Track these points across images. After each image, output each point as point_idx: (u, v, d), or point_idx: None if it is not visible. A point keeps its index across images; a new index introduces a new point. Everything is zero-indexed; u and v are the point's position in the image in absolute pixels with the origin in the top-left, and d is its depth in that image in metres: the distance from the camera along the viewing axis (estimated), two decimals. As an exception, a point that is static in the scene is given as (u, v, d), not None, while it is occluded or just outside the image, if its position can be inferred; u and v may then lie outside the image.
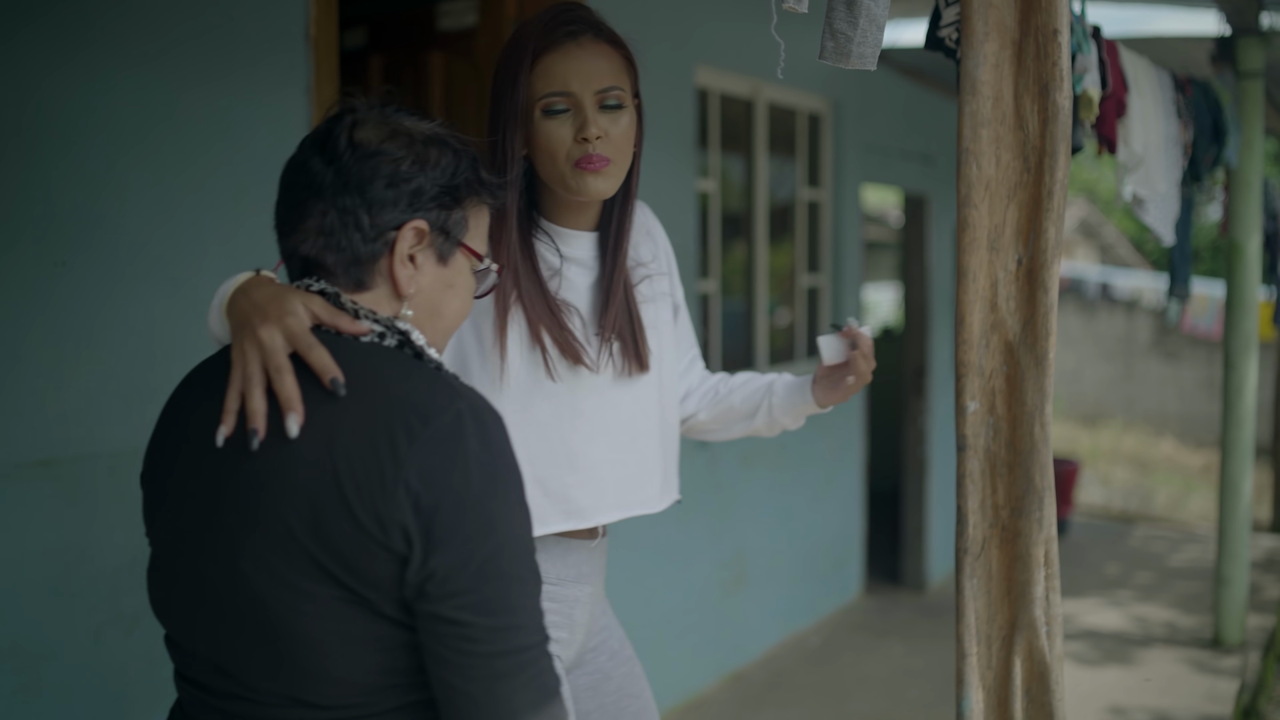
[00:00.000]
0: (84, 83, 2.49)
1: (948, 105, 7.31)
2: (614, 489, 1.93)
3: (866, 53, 1.73)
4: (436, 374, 1.31)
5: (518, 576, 1.26)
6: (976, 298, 2.01)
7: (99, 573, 2.56)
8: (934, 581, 6.95)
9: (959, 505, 2.02)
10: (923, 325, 7.03)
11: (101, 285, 2.54)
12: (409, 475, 1.21)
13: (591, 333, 1.91)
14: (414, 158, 1.34)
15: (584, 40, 1.82)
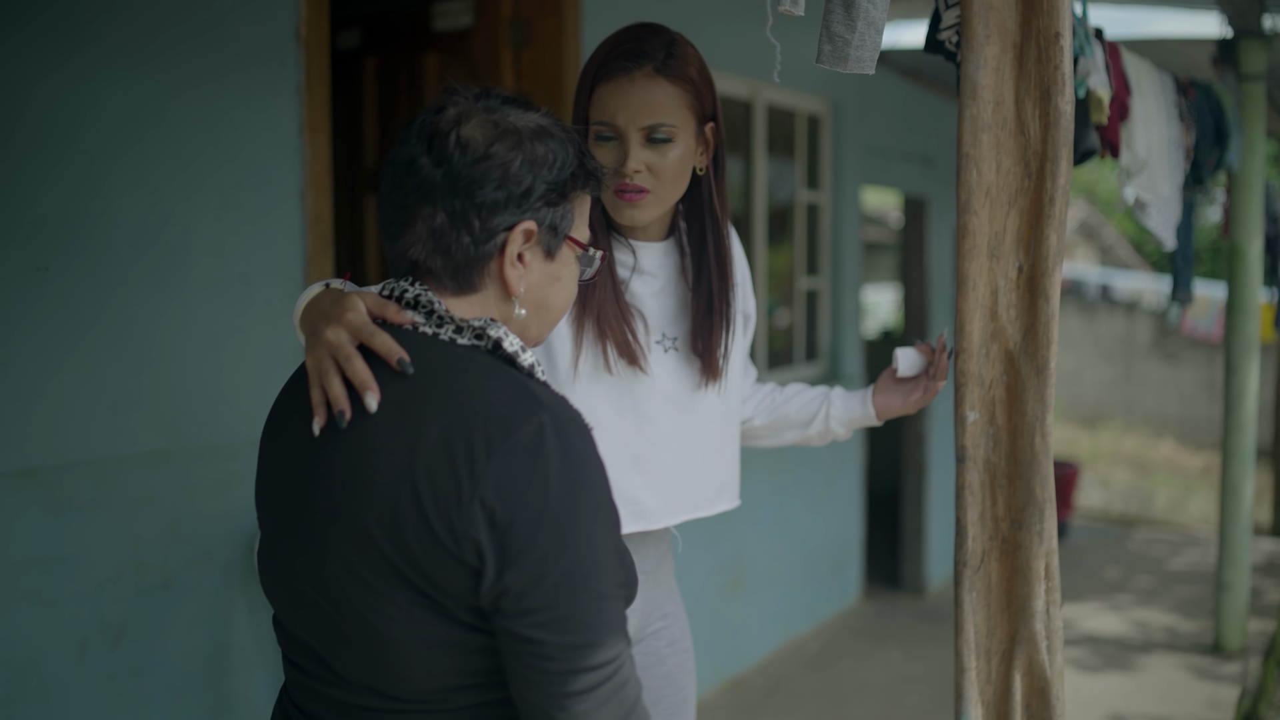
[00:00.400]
0: (71, 85, 2.45)
1: (948, 106, 7.27)
2: (679, 492, 1.99)
3: (865, 57, 1.69)
4: (524, 383, 1.29)
5: (596, 593, 1.24)
6: (976, 306, 1.98)
7: (84, 583, 2.52)
8: (933, 586, 6.91)
9: (958, 517, 1.99)
10: (922, 328, 6.98)
11: (87, 290, 2.50)
12: (485, 490, 1.20)
13: (653, 340, 1.97)
14: (523, 158, 1.32)
15: (638, 76, 1.85)
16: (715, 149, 1.97)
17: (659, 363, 1.98)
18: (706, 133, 1.94)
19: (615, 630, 1.25)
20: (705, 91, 1.92)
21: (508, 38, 3.86)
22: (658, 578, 2.05)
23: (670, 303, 2.00)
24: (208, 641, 2.75)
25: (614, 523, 1.28)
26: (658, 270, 1.99)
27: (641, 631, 2.05)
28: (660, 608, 2.07)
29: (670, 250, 2.02)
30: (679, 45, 1.91)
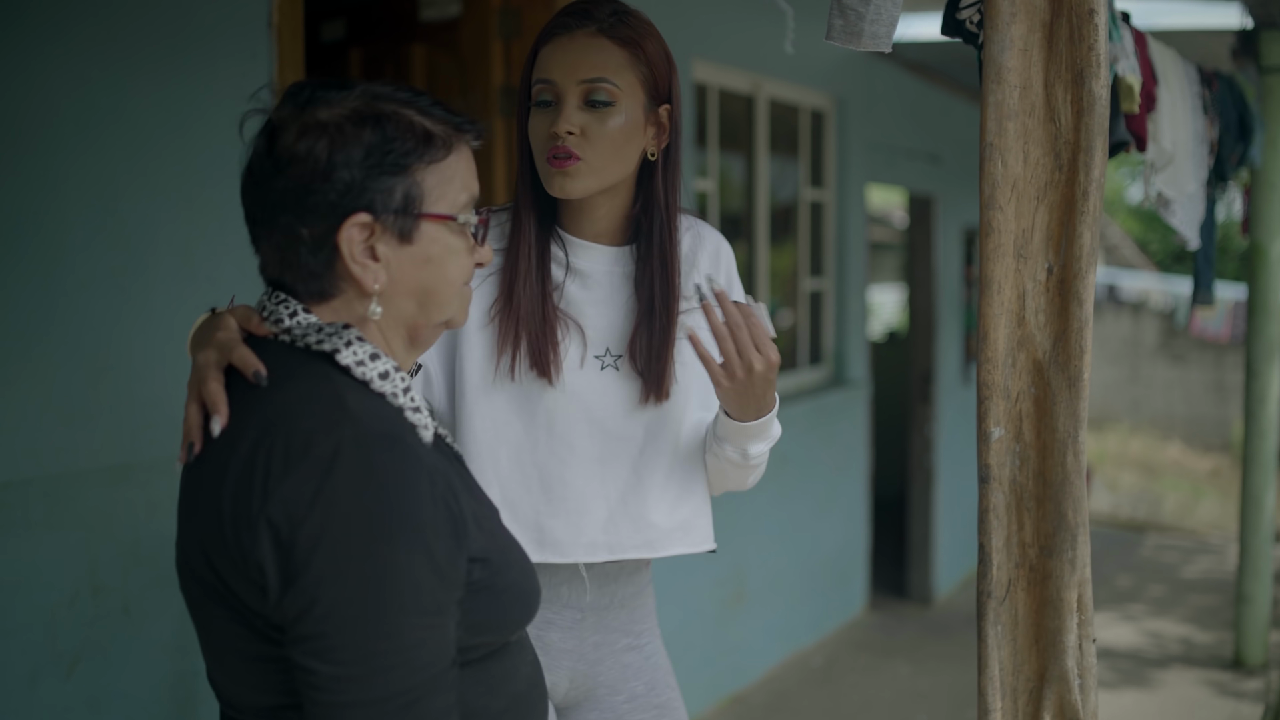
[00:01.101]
0: (16, 72, 2.27)
1: (955, 102, 7.11)
2: (598, 525, 1.79)
3: (880, 32, 1.51)
4: (339, 396, 1.22)
5: (383, 622, 1.15)
6: (1002, 311, 1.81)
7: (35, 609, 2.34)
8: (940, 595, 6.74)
9: (981, 543, 1.83)
10: (929, 330, 6.82)
11: (38, 294, 2.32)
12: (273, 509, 1.16)
13: (590, 353, 1.79)
14: (332, 151, 1.23)
15: (579, 34, 1.72)
16: (670, 138, 1.79)
17: (588, 380, 1.78)
18: (661, 114, 1.77)
19: (406, 665, 1.17)
20: (660, 68, 1.76)
21: (497, 28, 3.69)
22: (596, 620, 1.85)
23: (616, 315, 1.80)
24: (170, 670, 2.57)
25: (428, 547, 1.18)
26: (601, 276, 1.80)
27: (590, 682, 1.86)
28: (608, 658, 1.87)
29: (622, 258, 1.82)
30: (632, 16, 1.75)
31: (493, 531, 1.32)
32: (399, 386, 1.28)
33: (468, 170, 1.33)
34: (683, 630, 4.55)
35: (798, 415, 5.26)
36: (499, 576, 1.29)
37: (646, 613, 1.92)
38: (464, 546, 1.23)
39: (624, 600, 1.87)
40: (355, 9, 4.13)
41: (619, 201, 1.79)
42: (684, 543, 1.85)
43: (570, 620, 1.83)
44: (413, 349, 1.36)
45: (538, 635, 1.80)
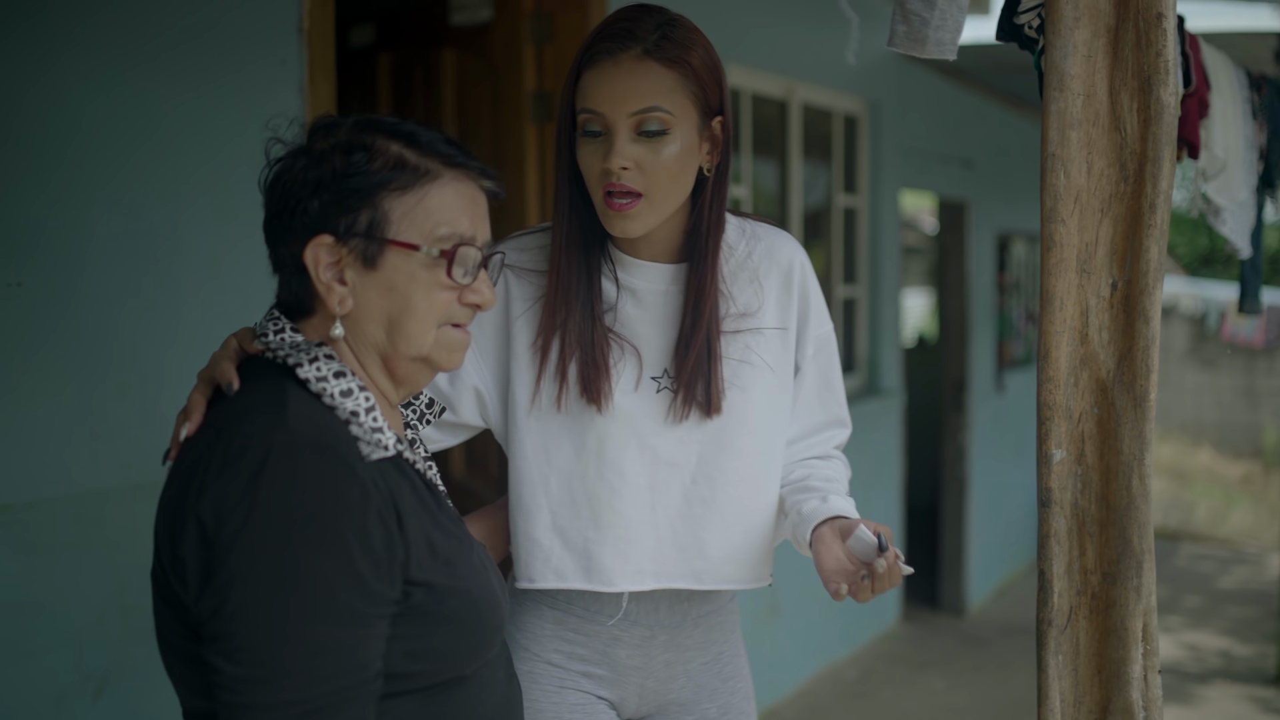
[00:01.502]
0: (44, 82, 2.22)
1: (988, 106, 7.03)
2: (646, 554, 1.73)
3: (945, 39, 1.44)
4: (281, 402, 1.25)
5: (286, 630, 1.17)
6: (1064, 328, 1.74)
7: (62, 631, 2.28)
8: (974, 606, 6.65)
9: (1041, 569, 1.77)
10: (962, 337, 6.73)
11: (64, 308, 2.27)
12: (202, 507, 1.19)
13: (646, 374, 1.72)
14: (305, 173, 1.29)
15: (624, 59, 1.60)
16: (723, 149, 1.70)
17: (642, 403, 1.71)
18: (714, 128, 1.68)
19: (311, 672, 1.17)
20: (710, 80, 1.66)
21: (529, 32, 3.63)
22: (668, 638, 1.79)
23: (673, 335, 1.73)
24: (200, 691, 2.51)
25: (348, 556, 1.19)
26: (656, 295, 1.72)
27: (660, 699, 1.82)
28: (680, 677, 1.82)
29: (679, 276, 1.73)
30: (677, 27, 1.64)
31: (450, 559, 1.31)
32: (360, 405, 1.29)
33: (452, 204, 1.32)
34: (715, 644, 4.48)
35: (831, 425, 5.17)
36: (441, 605, 1.28)
37: (725, 632, 1.85)
38: (398, 564, 1.23)
39: (698, 619, 1.81)
40: (385, 14, 4.08)
41: (677, 221, 1.72)
42: (734, 577, 1.78)
43: (639, 638, 1.77)
44: (396, 383, 1.37)
45: (605, 650, 1.77)
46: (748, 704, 1.88)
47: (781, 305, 1.78)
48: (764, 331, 1.76)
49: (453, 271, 1.31)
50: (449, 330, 1.35)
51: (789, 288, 1.78)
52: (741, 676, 1.87)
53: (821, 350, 1.83)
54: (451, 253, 1.31)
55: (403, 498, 1.27)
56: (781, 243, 1.80)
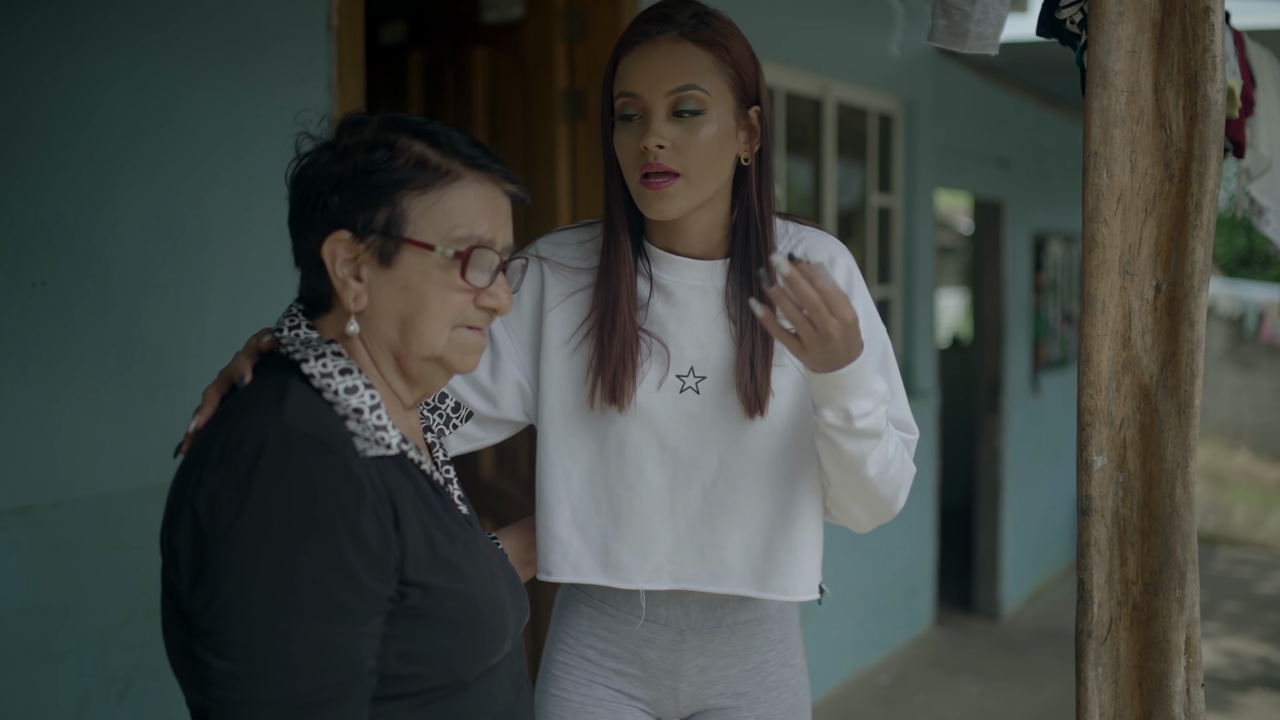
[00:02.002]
0: (70, 79, 2.21)
1: (1025, 105, 6.95)
2: (667, 554, 1.72)
3: (987, 33, 1.40)
4: (278, 396, 1.24)
5: (274, 625, 1.15)
6: (1106, 331, 1.70)
7: (86, 632, 2.27)
8: (1008, 609, 6.58)
9: (1080, 579, 1.72)
10: (997, 338, 6.65)
11: (89, 307, 2.25)
12: (198, 498, 1.19)
13: (673, 373, 1.70)
14: (328, 168, 1.29)
15: (661, 40, 1.62)
16: (761, 140, 1.69)
17: (664, 403, 1.69)
18: (751, 117, 1.68)
19: (300, 668, 1.16)
20: (747, 68, 1.66)
21: (561, 30, 3.60)
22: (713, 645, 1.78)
23: (702, 333, 1.70)
24: (225, 694, 2.49)
25: (340, 552, 1.18)
26: (688, 291, 1.70)
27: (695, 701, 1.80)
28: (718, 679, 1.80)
29: (715, 272, 1.70)
30: (713, 16, 1.66)
31: (452, 562, 1.30)
32: (365, 403, 1.27)
33: (471, 206, 1.31)
34: (746, 648, 4.44)
35: (864, 426, 5.12)
36: (439, 607, 1.26)
37: (772, 641, 1.82)
38: (392, 562, 1.22)
39: (735, 625, 1.78)
40: (415, 11, 4.06)
41: (715, 214, 1.69)
42: (753, 584, 1.74)
43: (669, 640, 1.77)
44: (409, 383, 1.36)
45: (636, 650, 1.77)
46: (793, 716, 1.84)
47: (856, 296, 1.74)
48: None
49: (467, 273, 1.30)
50: (463, 332, 1.34)
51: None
52: (788, 688, 1.83)
53: (873, 345, 1.73)
54: (467, 254, 1.30)
55: (402, 497, 1.26)
56: (823, 244, 1.76)
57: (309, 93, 2.62)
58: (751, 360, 1.68)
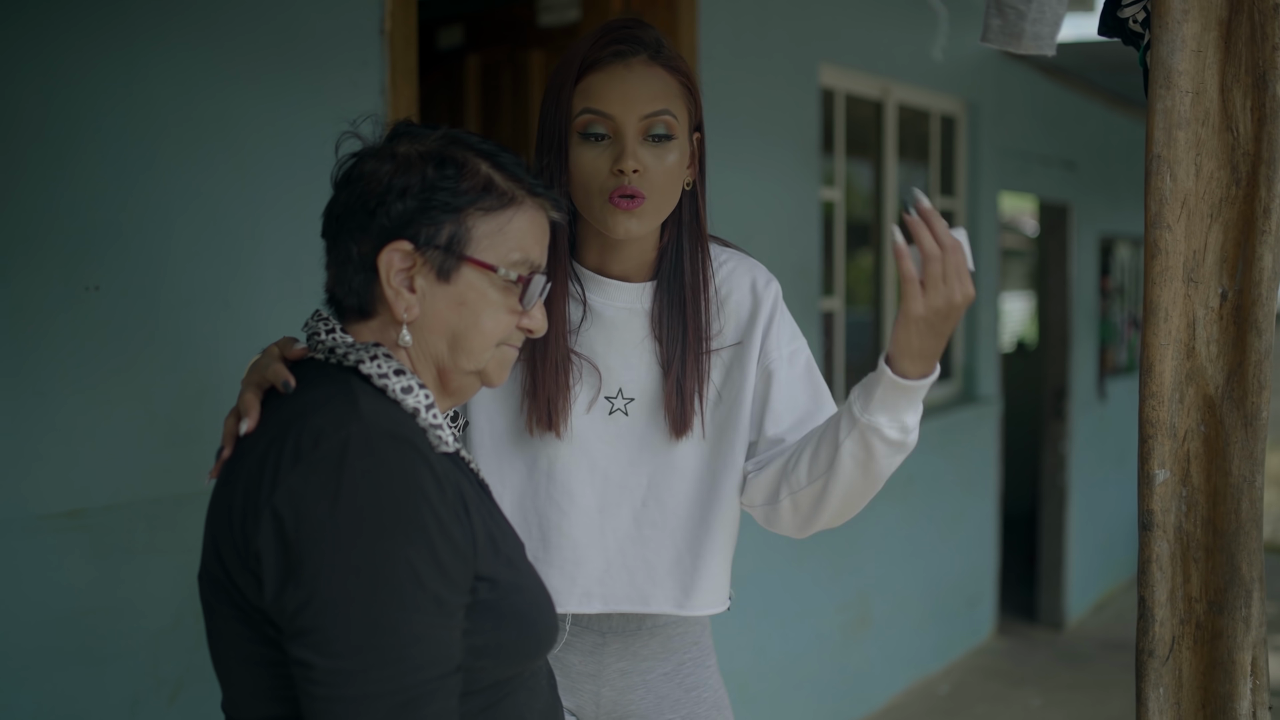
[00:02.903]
0: (123, 85, 2.21)
1: (1091, 106, 6.84)
2: (597, 576, 1.73)
3: (1043, 33, 1.35)
4: (352, 395, 1.24)
5: (379, 620, 1.16)
6: (1169, 340, 1.64)
7: (136, 635, 2.27)
8: (1072, 619, 6.46)
9: (1141, 596, 1.67)
10: (1063, 343, 6.55)
11: (141, 311, 2.26)
12: (279, 499, 1.18)
13: (602, 394, 1.71)
14: (392, 176, 1.29)
15: (634, 62, 1.63)
16: (700, 164, 1.72)
17: (594, 425, 1.70)
18: (694, 142, 1.71)
19: (405, 661, 1.17)
20: (698, 93, 1.71)
21: (618, 33, 3.57)
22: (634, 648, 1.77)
23: (632, 355, 1.72)
24: (274, 698, 2.49)
25: (431, 544, 1.19)
26: (618, 313, 1.71)
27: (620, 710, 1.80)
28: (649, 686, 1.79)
29: (644, 295, 1.72)
30: (667, 41, 1.68)
31: (510, 558, 1.32)
32: (421, 402, 1.29)
33: (528, 232, 1.34)
34: (803, 657, 4.39)
35: (925, 433, 5.01)
36: (505, 600, 1.28)
37: (688, 641, 1.82)
38: (470, 557, 1.24)
39: (654, 628, 1.78)
40: (473, 15, 4.06)
41: (654, 235, 1.71)
42: (680, 602, 1.75)
43: (590, 644, 1.77)
44: (445, 394, 1.37)
45: (558, 655, 1.77)
46: (717, 713, 1.84)
47: (740, 325, 1.75)
48: (721, 353, 1.74)
49: (524, 298, 1.34)
50: (505, 349, 1.37)
51: (754, 313, 1.75)
52: (708, 686, 1.83)
53: (796, 358, 1.76)
54: (528, 279, 1.34)
55: (466, 492, 1.29)
56: (747, 266, 1.78)
57: (361, 97, 2.61)
58: (680, 381, 1.69)
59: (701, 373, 1.71)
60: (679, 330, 1.70)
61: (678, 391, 1.69)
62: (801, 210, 4.30)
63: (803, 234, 4.30)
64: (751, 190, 4.00)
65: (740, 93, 3.93)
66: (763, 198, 4.07)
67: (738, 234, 3.90)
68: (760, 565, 3.91)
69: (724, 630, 3.90)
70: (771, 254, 4.12)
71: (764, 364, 1.74)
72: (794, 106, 4.24)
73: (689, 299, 1.70)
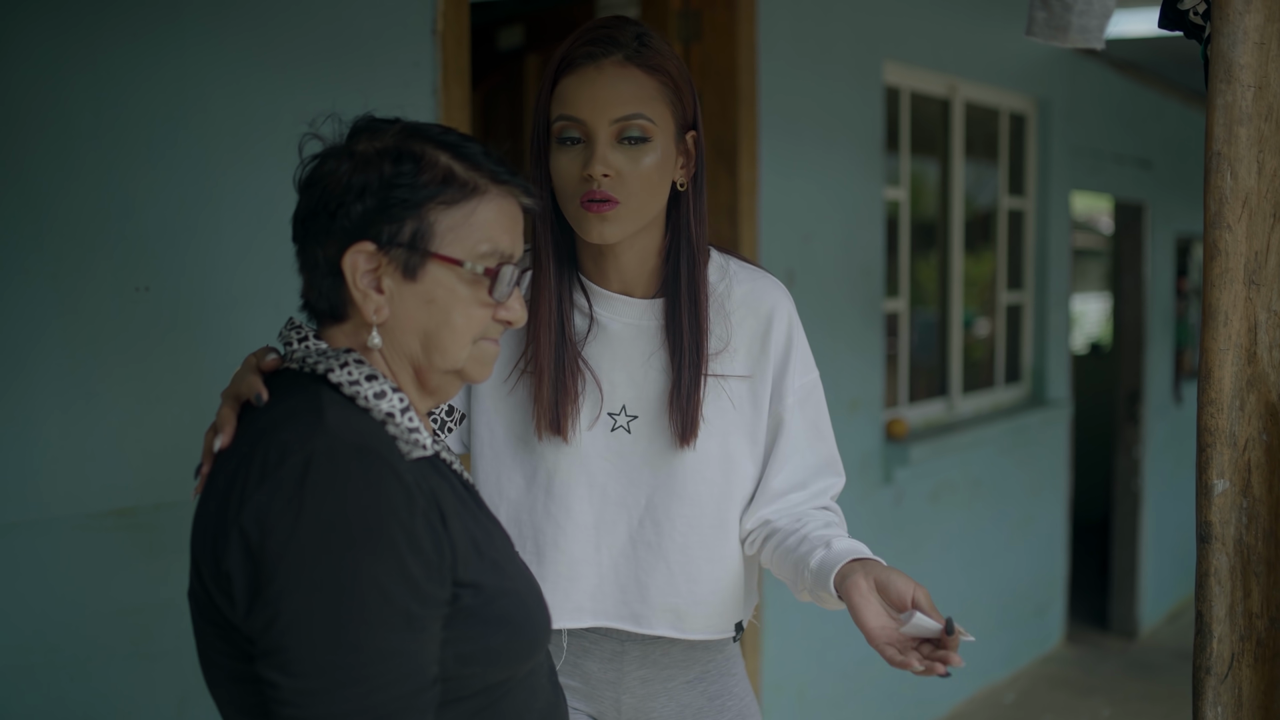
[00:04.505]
0: (174, 86, 2.22)
1: (1168, 103, 6.69)
2: (589, 592, 1.72)
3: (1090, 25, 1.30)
4: (319, 408, 1.22)
5: (343, 638, 1.14)
6: (1229, 345, 1.59)
7: (185, 633, 2.28)
8: (1146, 628, 6.33)
9: (1199, 610, 1.61)
10: (1137, 345, 6.41)
11: (190, 311, 2.27)
12: (245, 517, 1.16)
13: (605, 410, 1.69)
14: (350, 176, 1.26)
15: (606, 64, 1.59)
16: (696, 165, 1.67)
17: (595, 441, 1.68)
18: (688, 142, 1.66)
19: (371, 680, 1.14)
20: (686, 91, 1.64)
21: (676, 31, 3.55)
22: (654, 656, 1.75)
23: (636, 371, 1.69)
24: (323, 699, 2.50)
25: (399, 559, 1.16)
26: (624, 329, 1.69)
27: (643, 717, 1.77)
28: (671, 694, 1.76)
29: (652, 311, 1.69)
30: (653, 37, 1.63)
31: (496, 561, 1.30)
32: (395, 407, 1.27)
33: (495, 222, 1.31)
34: (865, 663, 4.33)
35: (992, 436, 4.97)
36: (491, 605, 1.26)
37: (711, 650, 1.79)
38: (446, 565, 1.21)
39: (674, 638, 1.75)
40: (533, 15, 4.05)
41: (649, 240, 1.67)
42: (675, 625, 1.72)
43: (609, 652, 1.76)
44: (425, 393, 1.35)
45: (576, 662, 1.76)
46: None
47: (753, 354, 1.72)
48: (729, 378, 1.71)
49: (494, 290, 1.30)
50: (483, 344, 1.34)
51: (765, 338, 1.72)
52: (733, 695, 1.81)
53: (808, 398, 1.76)
54: (495, 271, 1.30)
55: (444, 497, 1.26)
56: (764, 289, 1.74)
57: (413, 98, 2.61)
58: (687, 389, 1.67)
59: (701, 383, 1.68)
60: (688, 347, 1.67)
61: (684, 399, 1.67)
62: (865, 210, 4.24)
63: (866, 234, 4.24)
64: (813, 190, 3.96)
65: (801, 91, 3.89)
66: (824, 197, 4.02)
67: (799, 234, 3.88)
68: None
69: (781, 636, 3.86)
70: (834, 254, 4.08)
71: (775, 410, 1.73)
72: (857, 105, 4.19)
73: (687, 309, 1.67)
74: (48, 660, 2.12)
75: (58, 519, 2.11)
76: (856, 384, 4.23)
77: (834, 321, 4.09)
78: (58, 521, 2.12)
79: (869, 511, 4.32)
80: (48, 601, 2.12)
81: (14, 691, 2.08)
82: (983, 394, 5.25)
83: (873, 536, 4.33)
